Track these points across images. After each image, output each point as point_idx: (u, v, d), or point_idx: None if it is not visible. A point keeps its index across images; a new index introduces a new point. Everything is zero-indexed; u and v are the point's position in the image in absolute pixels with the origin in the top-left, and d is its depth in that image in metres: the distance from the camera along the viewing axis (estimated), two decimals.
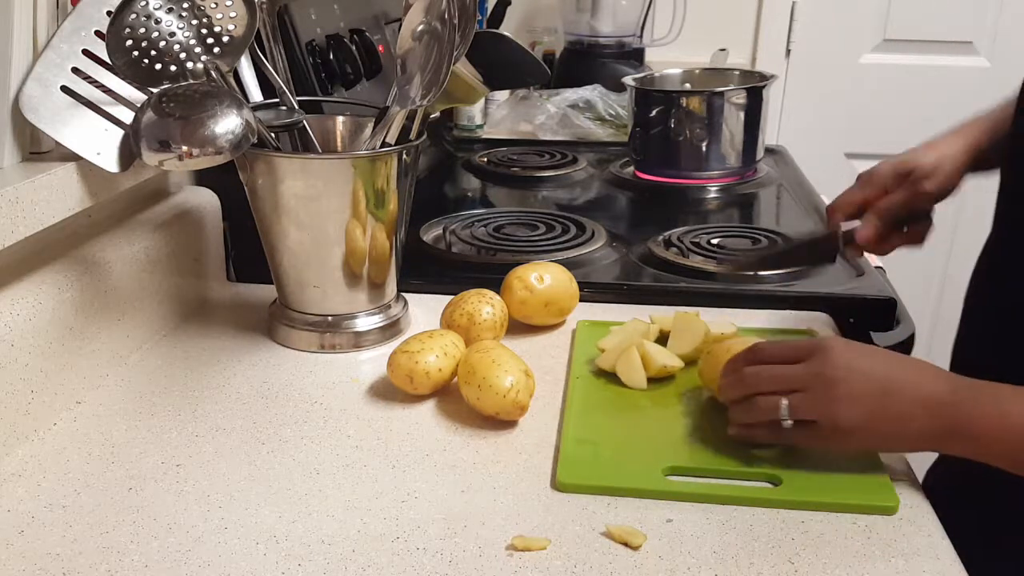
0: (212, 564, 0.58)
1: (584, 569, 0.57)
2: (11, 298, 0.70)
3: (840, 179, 2.40)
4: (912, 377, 0.63)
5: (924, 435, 0.63)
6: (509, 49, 0.98)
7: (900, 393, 0.62)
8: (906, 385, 0.63)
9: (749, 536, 0.61)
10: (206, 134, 0.71)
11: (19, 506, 0.64)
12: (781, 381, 0.66)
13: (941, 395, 0.62)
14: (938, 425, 0.62)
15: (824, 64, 2.26)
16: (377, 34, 1.20)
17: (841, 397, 0.63)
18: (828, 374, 0.63)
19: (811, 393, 0.64)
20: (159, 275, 0.89)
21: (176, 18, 0.76)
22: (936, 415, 0.62)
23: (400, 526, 0.62)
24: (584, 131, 1.76)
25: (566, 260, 1.03)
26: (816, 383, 0.64)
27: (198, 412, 0.77)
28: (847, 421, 0.63)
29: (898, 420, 0.62)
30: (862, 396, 0.63)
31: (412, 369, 0.76)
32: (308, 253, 0.85)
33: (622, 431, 0.73)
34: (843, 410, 0.63)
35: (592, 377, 0.82)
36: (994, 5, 2.17)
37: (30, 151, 0.73)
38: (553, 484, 0.66)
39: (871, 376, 0.63)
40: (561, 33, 2.08)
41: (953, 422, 0.61)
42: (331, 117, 0.94)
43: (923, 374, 0.63)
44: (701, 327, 0.83)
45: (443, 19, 0.77)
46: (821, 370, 0.64)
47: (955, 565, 0.59)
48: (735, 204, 1.39)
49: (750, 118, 1.40)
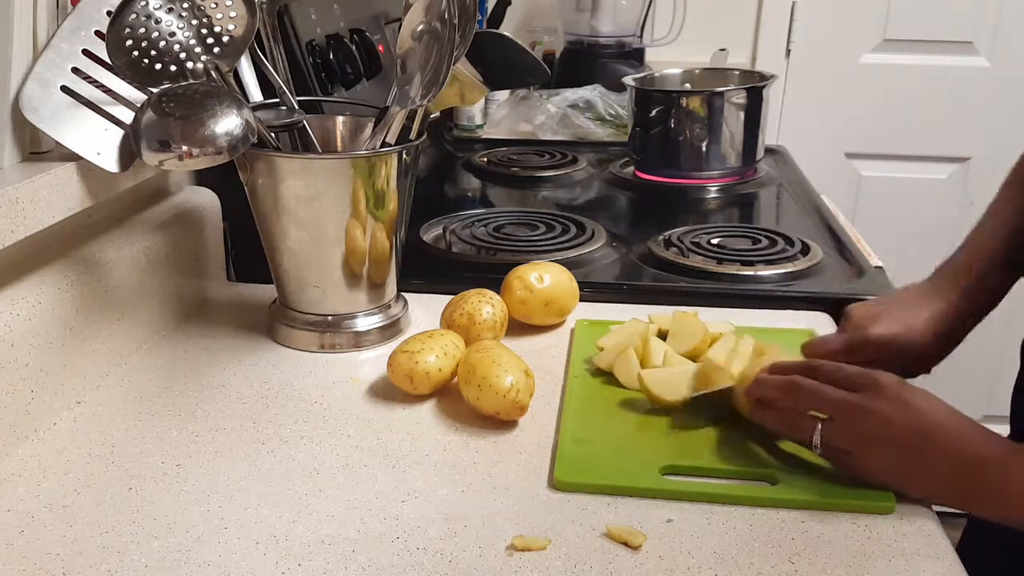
0: (212, 564, 0.58)
1: (584, 569, 0.57)
2: (11, 298, 0.70)
3: (840, 179, 2.41)
4: (953, 431, 0.62)
5: (950, 488, 0.62)
6: (509, 49, 0.98)
7: (937, 445, 0.61)
8: (940, 440, 0.62)
9: (749, 536, 0.61)
10: (206, 134, 0.71)
11: (19, 506, 0.64)
12: (825, 403, 0.65)
13: (977, 454, 0.61)
14: (965, 481, 0.61)
15: (824, 64, 2.26)
16: (377, 34, 1.20)
17: (879, 437, 0.62)
18: (871, 410, 0.63)
19: (848, 425, 0.63)
20: (159, 275, 0.89)
21: (176, 18, 0.76)
22: (967, 474, 0.61)
23: (400, 526, 0.62)
24: (584, 131, 1.76)
25: (566, 260, 1.03)
26: (856, 416, 0.63)
27: (198, 412, 0.77)
28: (878, 461, 0.63)
29: (925, 474, 0.62)
30: (899, 440, 0.62)
31: (412, 369, 0.76)
32: (308, 253, 0.85)
33: (620, 430, 0.73)
34: (877, 450, 0.63)
35: (590, 376, 0.82)
36: (994, 5, 2.17)
37: (30, 151, 0.73)
38: (551, 483, 0.66)
39: (913, 423, 0.62)
40: (561, 33, 2.08)
41: (981, 481, 0.60)
42: (331, 117, 0.94)
43: (965, 430, 0.62)
44: (699, 327, 0.83)
45: (443, 19, 0.77)
46: (867, 405, 0.63)
47: (955, 565, 0.58)
48: (735, 204, 1.39)
49: (750, 118, 1.40)
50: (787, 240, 1.11)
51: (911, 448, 0.62)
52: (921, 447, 0.62)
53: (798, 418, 0.66)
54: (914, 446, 0.62)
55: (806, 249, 1.08)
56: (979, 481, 0.61)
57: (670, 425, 0.73)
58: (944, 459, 0.61)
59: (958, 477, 0.61)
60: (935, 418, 0.62)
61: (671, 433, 0.72)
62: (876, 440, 0.62)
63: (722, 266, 1.04)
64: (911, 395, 0.64)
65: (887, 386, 0.64)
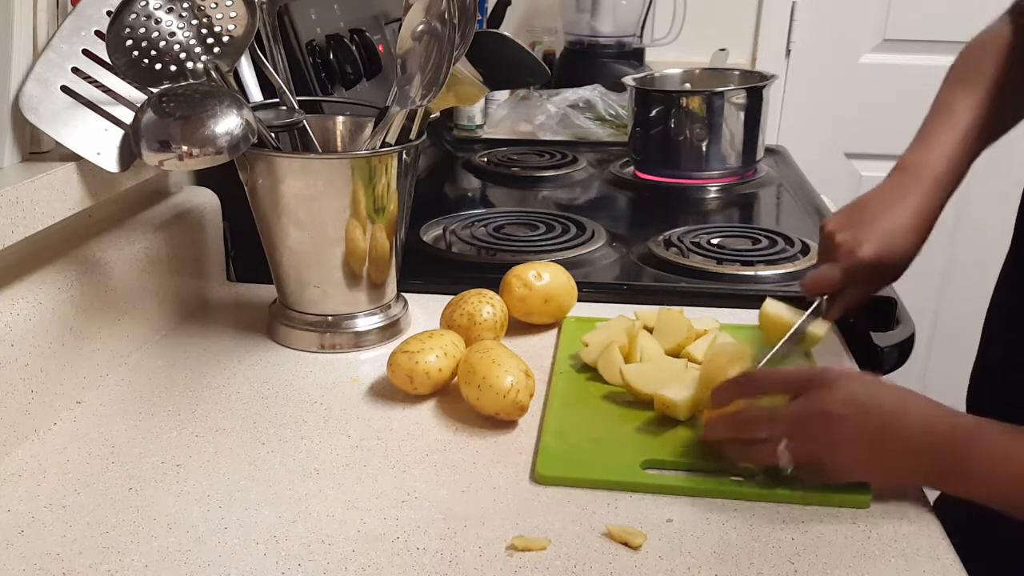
0: (212, 564, 0.58)
1: (584, 569, 0.57)
2: (11, 298, 0.70)
3: (840, 179, 2.40)
4: (912, 415, 0.61)
5: (924, 473, 0.62)
6: (509, 49, 0.98)
7: (900, 431, 0.61)
8: (906, 423, 0.61)
9: (749, 536, 0.61)
10: (206, 134, 0.71)
11: (19, 506, 0.64)
12: (778, 426, 0.64)
13: (941, 434, 0.60)
14: (937, 465, 0.61)
15: (824, 64, 2.26)
16: (377, 34, 1.20)
17: (841, 439, 0.62)
18: (828, 411, 0.62)
19: (809, 436, 0.63)
20: (159, 275, 0.89)
21: (176, 18, 0.76)
22: (935, 454, 0.60)
23: (400, 526, 0.62)
24: (584, 131, 1.76)
25: (566, 260, 1.03)
26: (813, 424, 0.63)
27: (198, 412, 0.77)
28: (847, 461, 0.63)
29: (897, 456, 0.61)
30: (862, 436, 0.61)
31: (412, 369, 0.76)
32: (308, 253, 0.85)
33: (602, 425, 0.74)
34: (843, 451, 0.62)
35: (575, 372, 0.82)
36: (994, 5, 2.16)
37: (30, 151, 0.73)
38: (532, 477, 0.67)
39: (871, 413, 0.62)
40: (561, 33, 2.08)
41: (950, 462, 0.60)
42: (331, 117, 0.94)
43: (924, 412, 0.62)
44: (684, 323, 0.84)
45: (443, 19, 0.77)
46: (821, 407, 0.62)
47: (955, 565, 0.58)
48: (735, 204, 1.39)
49: (750, 118, 1.40)
50: (787, 240, 1.11)
51: (875, 440, 0.61)
52: (885, 437, 0.61)
53: (759, 448, 0.65)
54: (878, 438, 0.61)
55: (806, 249, 1.08)
56: (952, 461, 0.60)
57: (652, 420, 0.74)
58: (910, 446, 0.61)
59: (929, 460, 0.61)
60: (891, 406, 0.62)
61: (653, 428, 0.73)
62: (839, 440, 0.62)
63: (722, 266, 1.04)
64: (857, 386, 0.63)
65: (830, 383, 0.63)
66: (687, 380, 0.74)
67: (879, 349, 0.89)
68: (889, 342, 0.90)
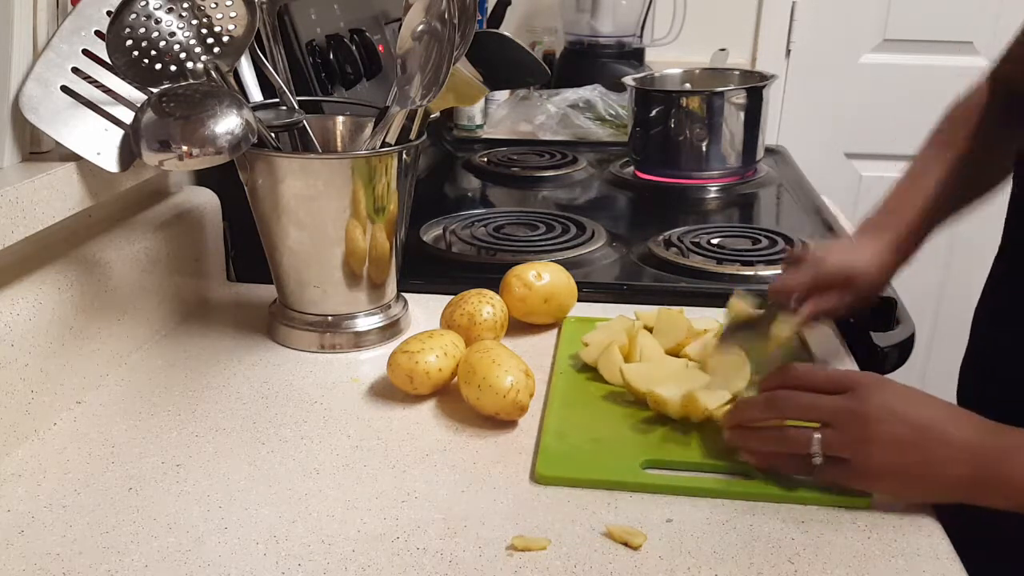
0: (212, 564, 0.58)
1: (584, 569, 0.57)
2: (11, 298, 0.70)
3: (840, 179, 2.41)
4: (949, 423, 0.61)
5: (958, 484, 0.61)
6: (509, 49, 0.98)
7: (936, 439, 0.61)
8: (943, 431, 0.61)
9: (749, 536, 0.61)
10: (206, 134, 0.71)
11: (19, 506, 0.64)
12: (816, 411, 0.64)
13: (978, 442, 0.60)
14: (973, 474, 0.60)
15: (824, 64, 2.26)
16: (377, 34, 1.20)
17: (876, 438, 0.61)
18: (865, 412, 0.62)
19: (846, 430, 0.62)
20: (159, 275, 0.89)
21: (176, 18, 0.76)
22: (971, 463, 0.60)
23: (400, 526, 0.62)
24: (584, 131, 1.76)
25: (566, 260, 1.03)
26: (852, 420, 0.62)
27: (198, 412, 0.77)
28: (880, 464, 0.61)
29: (932, 467, 0.61)
30: (897, 440, 0.61)
31: (412, 369, 0.76)
32: (308, 253, 0.85)
33: (602, 424, 0.74)
34: (877, 452, 0.61)
35: (575, 372, 0.82)
36: (994, 5, 2.17)
37: (30, 151, 0.73)
38: (532, 477, 0.67)
39: (907, 420, 0.61)
40: (561, 33, 2.08)
41: (988, 471, 0.60)
42: (331, 117, 0.94)
43: (959, 420, 0.62)
44: (683, 323, 0.84)
45: (443, 19, 0.77)
46: (859, 407, 0.62)
47: (955, 565, 0.58)
48: (735, 204, 1.39)
49: (750, 118, 1.40)
50: (787, 240, 1.11)
51: (914, 444, 0.61)
52: (925, 442, 0.61)
53: (790, 433, 0.64)
54: (917, 442, 0.61)
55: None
56: (993, 470, 0.60)
57: (652, 420, 0.74)
58: (952, 452, 0.60)
59: (969, 468, 0.60)
60: (933, 412, 0.62)
61: (653, 428, 0.73)
62: (876, 441, 0.61)
63: (722, 266, 1.04)
64: (895, 392, 0.63)
65: (871, 384, 0.63)
66: (686, 379, 0.74)
67: (879, 349, 0.89)
68: (889, 342, 0.90)
